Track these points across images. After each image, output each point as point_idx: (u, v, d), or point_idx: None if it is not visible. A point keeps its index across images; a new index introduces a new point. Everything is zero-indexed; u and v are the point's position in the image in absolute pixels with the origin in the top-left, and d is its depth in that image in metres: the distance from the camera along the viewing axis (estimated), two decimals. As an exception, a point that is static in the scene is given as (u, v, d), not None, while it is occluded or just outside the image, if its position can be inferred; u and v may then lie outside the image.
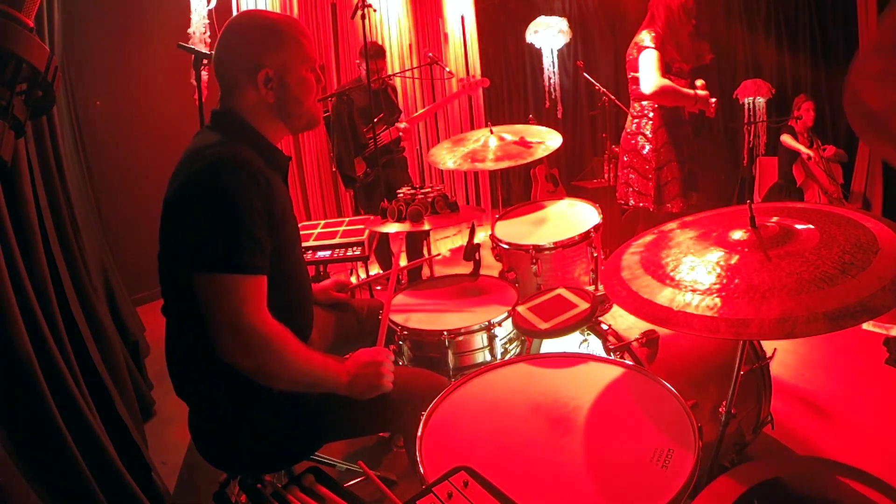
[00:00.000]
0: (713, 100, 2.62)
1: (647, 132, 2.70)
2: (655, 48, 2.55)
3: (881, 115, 0.59)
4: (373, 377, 1.20)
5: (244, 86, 1.21)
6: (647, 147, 2.71)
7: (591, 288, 2.08)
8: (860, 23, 3.94)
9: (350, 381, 1.18)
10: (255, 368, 1.10)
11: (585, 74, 4.52)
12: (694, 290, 1.04)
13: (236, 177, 1.10)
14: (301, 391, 1.18)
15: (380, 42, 4.16)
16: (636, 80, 2.69)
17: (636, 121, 2.76)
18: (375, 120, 3.16)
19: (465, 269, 2.01)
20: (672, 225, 1.37)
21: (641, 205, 2.79)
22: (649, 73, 2.56)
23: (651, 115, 2.69)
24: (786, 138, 4.15)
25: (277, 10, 3.83)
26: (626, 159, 2.85)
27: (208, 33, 3.23)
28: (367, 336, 1.71)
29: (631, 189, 2.83)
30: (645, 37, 2.60)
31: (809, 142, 4.15)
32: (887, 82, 0.57)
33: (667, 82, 2.54)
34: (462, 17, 4.86)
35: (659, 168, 2.71)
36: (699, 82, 2.63)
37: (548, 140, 2.30)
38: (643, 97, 2.68)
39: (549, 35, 5.02)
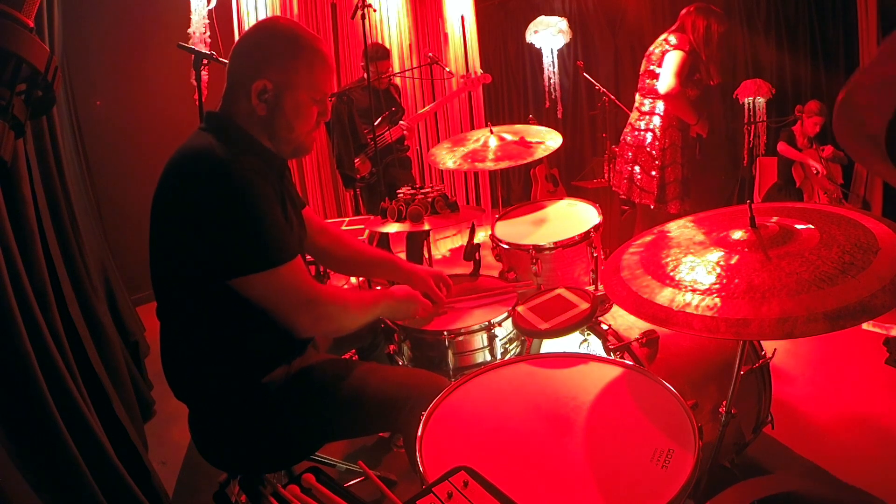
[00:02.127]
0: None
1: (657, 130, 2.71)
2: (685, 51, 2.55)
3: (871, 137, 0.60)
4: (409, 310, 1.42)
5: (241, 91, 1.19)
6: (655, 144, 2.71)
7: (591, 288, 2.08)
8: (860, 23, 3.94)
9: (390, 305, 1.39)
10: (331, 331, 1.33)
11: (585, 74, 4.52)
12: (694, 290, 1.04)
13: (244, 173, 1.10)
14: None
15: (380, 42, 4.16)
16: (653, 75, 2.67)
17: (646, 116, 2.75)
18: (379, 119, 3.16)
19: (465, 269, 2.01)
20: (672, 225, 1.37)
21: (645, 202, 2.79)
22: (668, 74, 2.55)
23: (662, 113, 2.69)
24: (785, 147, 4.12)
25: (277, 10, 3.83)
26: (630, 155, 2.84)
27: (208, 33, 3.23)
28: (367, 334, 1.71)
29: (634, 185, 2.83)
30: (676, 38, 2.59)
31: (809, 143, 4.15)
32: (875, 114, 0.59)
33: (682, 90, 2.54)
34: (462, 17, 4.86)
35: (664, 167, 2.71)
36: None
37: (548, 140, 2.30)
38: (656, 94, 2.68)
39: (549, 35, 5.02)
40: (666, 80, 2.56)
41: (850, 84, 0.59)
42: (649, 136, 2.73)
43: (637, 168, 2.81)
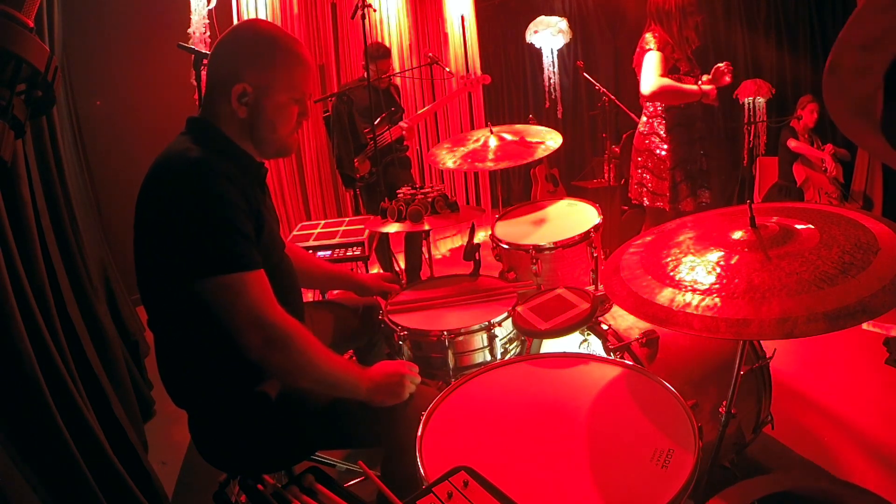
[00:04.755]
0: (715, 79, 2.58)
1: (662, 132, 2.70)
2: (657, 49, 2.55)
3: (866, 101, 0.58)
4: (395, 387, 1.21)
5: (221, 95, 1.18)
6: (663, 147, 2.71)
7: (591, 288, 2.08)
8: (860, 23, 3.94)
9: (371, 388, 1.19)
10: (282, 365, 1.12)
11: (585, 74, 4.52)
12: (694, 290, 1.04)
13: (214, 178, 1.09)
14: (323, 391, 1.20)
15: (379, 42, 4.16)
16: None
17: (651, 121, 2.75)
18: (378, 120, 3.16)
19: (465, 269, 2.01)
20: (672, 225, 1.37)
21: (658, 205, 2.79)
22: (647, 75, 2.56)
23: (665, 115, 2.69)
24: (793, 143, 4.13)
25: (277, 10, 3.83)
26: (640, 160, 2.84)
27: (208, 33, 3.23)
28: (363, 335, 1.72)
29: (645, 189, 2.83)
30: (648, 39, 2.59)
31: (810, 141, 4.15)
32: (867, 76, 0.57)
33: (665, 81, 2.53)
34: (462, 17, 4.86)
35: (674, 167, 2.71)
36: (705, 77, 2.61)
37: (548, 140, 2.30)
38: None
39: (548, 35, 5.02)
40: (646, 80, 2.56)
41: (837, 45, 0.57)
42: (656, 139, 2.73)
43: (647, 173, 2.81)
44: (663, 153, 2.71)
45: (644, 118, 2.81)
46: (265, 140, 1.23)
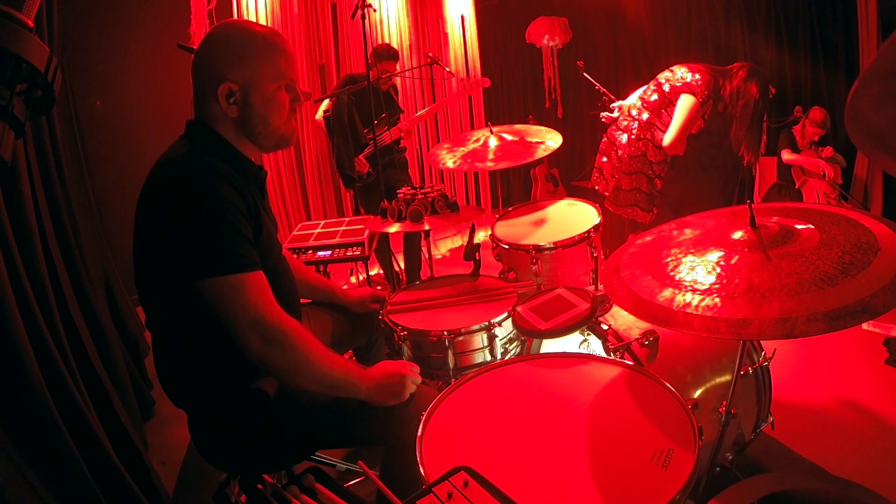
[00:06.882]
0: None
1: (631, 136, 2.69)
2: (700, 98, 2.46)
3: (882, 131, 0.60)
4: (396, 387, 1.21)
5: (210, 97, 1.18)
6: (623, 150, 2.71)
7: (591, 288, 2.08)
8: (860, 23, 3.94)
9: (371, 388, 1.20)
10: (281, 364, 1.12)
11: (585, 74, 4.51)
12: (694, 290, 1.04)
13: (212, 181, 1.10)
14: (323, 392, 1.19)
15: (379, 42, 4.16)
16: (661, 91, 2.61)
17: (627, 120, 2.74)
18: (377, 121, 3.16)
19: (465, 269, 2.01)
20: (671, 225, 1.37)
21: (601, 190, 2.81)
22: (675, 129, 2.47)
23: (643, 121, 2.67)
24: (787, 156, 4.11)
25: (277, 10, 3.83)
26: (603, 146, 2.85)
27: (208, 33, 3.23)
28: (363, 335, 1.72)
29: (600, 175, 2.85)
30: (703, 84, 2.47)
31: (809, 144, 4.15)
32: (887, 103, 0.58)
33: (683, 142, 2.49)
34: (462, 17, 4.86)
35: (625, 173, 2.70)
36: None
37: (548, 140, 2.30)
38: (651, 107, 2.64)
39: (549, 35, 5.02)
40: (671, 133, 2.49)
41: (864, 75, 0.57)
42: (624, 137, 2.72)
43: (606, 160, 2.82)
44: (622, 154, 2.71)
45: (627, 111, 2.79)
46: (261, 134, 1.23)
